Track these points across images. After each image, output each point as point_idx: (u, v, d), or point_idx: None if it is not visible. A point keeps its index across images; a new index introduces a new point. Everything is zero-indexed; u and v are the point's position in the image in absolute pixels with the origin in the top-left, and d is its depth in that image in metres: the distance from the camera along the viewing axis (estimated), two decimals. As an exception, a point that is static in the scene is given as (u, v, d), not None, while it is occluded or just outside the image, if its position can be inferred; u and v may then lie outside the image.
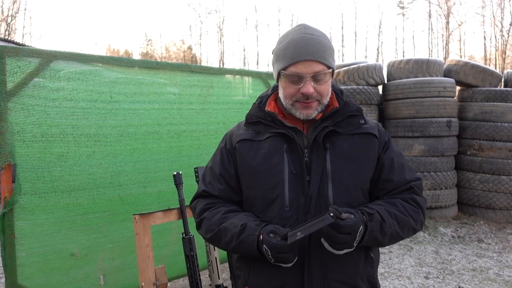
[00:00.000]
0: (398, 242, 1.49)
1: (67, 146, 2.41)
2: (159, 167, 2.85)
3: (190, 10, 49.74)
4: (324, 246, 1.22)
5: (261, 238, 1.20)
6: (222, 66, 25.60)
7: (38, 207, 2.30)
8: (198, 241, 2.11)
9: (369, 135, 1.37)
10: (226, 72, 3.45)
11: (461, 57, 29.51)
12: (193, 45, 39.08)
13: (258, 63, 37.75)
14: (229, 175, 1.41)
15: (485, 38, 31.72)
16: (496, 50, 30.24)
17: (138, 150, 2.73)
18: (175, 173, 2.22)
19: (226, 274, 3.39)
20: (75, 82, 2.44)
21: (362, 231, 1.18)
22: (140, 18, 56.48)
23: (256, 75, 3.63)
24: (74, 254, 2.48)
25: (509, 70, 6.32)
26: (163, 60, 35.05)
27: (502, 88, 6.07)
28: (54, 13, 55.22)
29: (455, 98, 5.78)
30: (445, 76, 5.94)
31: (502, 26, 29.55)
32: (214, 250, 2.28)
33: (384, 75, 6.01)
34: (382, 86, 6.06)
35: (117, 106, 2.63)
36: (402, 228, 1.30)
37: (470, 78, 5.82)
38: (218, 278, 2.26)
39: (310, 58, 1.25)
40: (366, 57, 35.68)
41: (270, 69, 1.95)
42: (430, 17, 34.49)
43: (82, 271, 2.54)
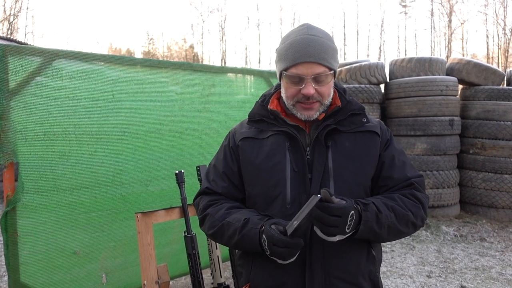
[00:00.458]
0: (400, 239, 1.47)
1: (69, 145, 2.41)
2: (161, 166, 2.85)
3: (192, 9, 49.90)
4: (325, 243, 1.23)
5: (262, 228, 1.21)
6: (224, 65, 25.61)
7: (41, 206, 2.31)
8: (200, 239, 2.12)
9: (371, 133, 1.38)
10: (228, 70, 3.45)
11: (463, 55, 29.44)
12: (195, 44, 39.10)
13: (260, 62, 37.76)
14: (232, 173, 1.42)
15: (487, 37, 31.62)
16: (498, 48, 30.14)
17: (140, 149, 2.74)
18: (177, 171, 2.22)
19: (228, 272, 3.40)
20: (77, 80, 2.45)
21: (355, 218, 1.17)
22: (142, 17, 56.60)
23: (258, 74, 3.62)
24: (77, 252, 2.49)
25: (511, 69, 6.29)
26: (165, 59, 35.11)
27: (505, 86, 6.05)
28: (56, 12, 55.38)
29: (458, 96, 5.76)
30: (447, 74, 5.92)
31: (505, 25, 29.45)
32: (216, 249, 2.28)
33: (386, 74, 6.00)
34: (384, 84, 6.05)
35: (119, 104, 2.63)
36: (400, 221, 1.29)
37: (472, 77, 5.80)
38: (220, 277, 2.27)
39: (311, 60, 1.25)
40: (368, 55, 35.62)
41: (272, 67, 1.95)
42: (432, 15, 34.40)
43: (85, 269, 2.55)
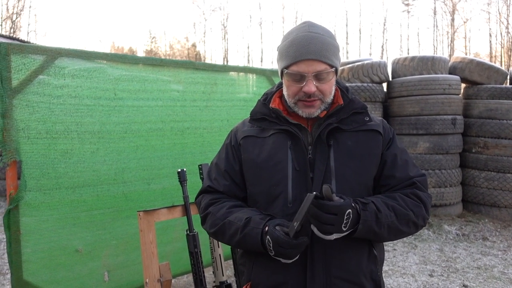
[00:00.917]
0: (402, 238, 1.45)
1: (71, 143, 2.41)
2: (163, 164, 2.86)
3: (194, 8, 49.87)
4: (326, 242, 1.22)
5: (266, 229, 1.20)
6: (226, 64, 25.57)
7: (43, 204, 2.31)
8: (202, 238, 2.12)
9: (373, 132, 1.37)
10: (230, 69, 3.44)
11: (466, 54, 29.32)
12: (197, 42, 39.08)
13: (262, 61, 37.70)
14: (234, 172, 1.42)
15: (490, 35, 31.51)
16: (501, 47, 30.03)
17: (141, 147, 2.74)
18: (180, 170, 2.22)
19: (230, 271, 3.40)
20: (80, 79, 2.45)
21: (353, 217, 1.17)
22: (144, 16, 56.56)
23: (260, 72, 3.62)
24: (79, 250, 2.49)
25: (514, 67, 6.27)
26: (167, 57, 35.10)
27: (508, 85, 6.03)
28: (59, 10, 55.44)
29: (460, 95, 5.75)
30: (450, 73, 5.91)
31: (508, 23, 29.33)
32: (218, 247, 2.28)
33: (388, 73, 5.99)
34: (386, 83, 6.04)
35: (121, 103, 2.63)
36: (401, 221, 1.28)
37: (475, 76, 5.78)
38: (222, 275, 2.27)
39: (312, 57, 1.25)
40: (370, 54, 35.51)
41: (274, 66, 1.95)
42: (435, 14, 34.27)
43: (87, 267, 2.55)
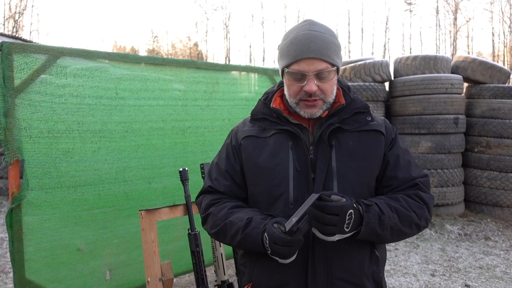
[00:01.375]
0: (403, 239, 1.46)
1: (73, 142, 2.42)
2: (164, 163, 2.86)
3: (196, 7, 49.78)
4: (327, 243, 1.21)
5: (265, 228, 1.20)
6: (228, 63, 25.57)
7: (45, 203, 2.32)
8: (204, 237, 2.12)
9: (375, 132, 1.35)
10: (232, 68, 3.44)
11: (468, 53, 29.22)
12: (199, 41, 39.09)
13: (264, 60, 37.65)
14: (234, 172, 1.41)
15: (493, 35, 31.36)
16: (504, 46, 29.90)
17: (142, 146, 2.74)
18: (181, 169, 2.21)
19: (232, 270, 3.40)
20: (81, 78, 2.45)
21: (355, 217, 1.16)
22: (146, 15, 56.51)
23: (262, 72, 3.61)
24: (81, 249, 2.50)
25: (517, 67, 6.25)
26: (169, 56, 35.12)
27: (511, 84, 6.01)
28: (61, 10, 55.53)
29: (463, 95, 5.73)
30: (452, 72, 5.89)
31: (511, 22, 29.20)
32: (220, 246, 2.28)
33: (390, 72, 5.97)
34: (388, 82, 6.02)
35: (122, 102, 2.64)
36: (403, 222, 1.27)
37: (477, 75, 5.76)
38: (224, 274, 2.27)
39: (313, 56, 1.23)
40: (372, 53, 35.40)
41: (276, 65, 1.95)
42: (437, 13, 34.14)
43: (89, 266, 2.56)
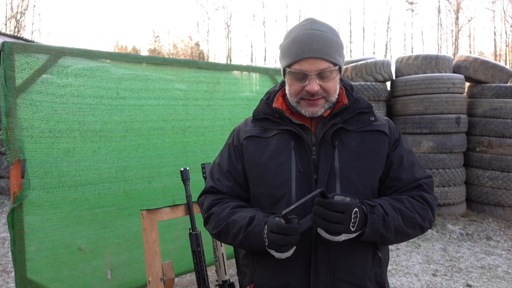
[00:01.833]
0: (407, 240, 1.44)
1: (74, 142, 2.42)
2: (164, 163, 2.86)
3: (197, 7, 49.73)
4: (330, 244, 1.21)
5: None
6: (229, 63, 25.56)
7: (46, 202, 2.32)
8: (205, 237, 2.12)
9: (379, 133, 1.34)
10: (233, 68, 3.43)
11: (470, 53, 29.15)
12: (200, 41, 39.13)
13: (265, 59, 37.69)
14: (236, 172, 1.40)
15: (495, 34, 31.32)
16: (506, 45, 29.84)
17: (143, 146, 2.74)
18: (182, 168, 2.21)
19: (233, 270, 3.40)
20: (82, 78, 2.45)
21: (360, 217, 1.16)
22: (148, 15, 56.66)
23: (263, 71, 3.61)
24: (82, 248, 2.50)
25: (519, 66, 6.24)
26: (171, 56, 35.14)
27: (513, 84, 6.00)
28: (63, 10, 55.64)
29: (464, 94, 5.72)
30: (454, 72, 5.88)
31: (513, 22, 29.13)
32: (221, 246, 2.28)
33: (392, 71, 5.96)
34: (390, 82, 6.01)
35: (123, 102, 2.64)
36: (407, 224, 1.26)
37: (479, 74, 5.75)
38: (225, 274, 2.27)
39: (314, 56, 1.22)
40: (374, 53, 35.39)
41: (277, 65, 1.94)
42: (439, 12, 34.11)
43: (90, 266, 2.56)
